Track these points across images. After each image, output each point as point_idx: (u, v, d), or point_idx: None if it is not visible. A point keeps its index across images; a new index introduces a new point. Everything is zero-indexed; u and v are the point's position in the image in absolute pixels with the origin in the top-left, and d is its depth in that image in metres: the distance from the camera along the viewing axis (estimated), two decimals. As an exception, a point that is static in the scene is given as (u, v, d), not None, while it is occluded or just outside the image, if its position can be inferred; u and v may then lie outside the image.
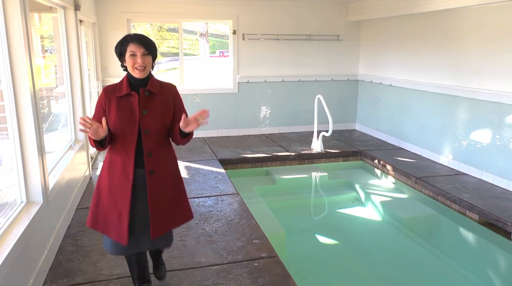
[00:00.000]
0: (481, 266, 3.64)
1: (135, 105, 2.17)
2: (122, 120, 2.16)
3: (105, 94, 2.20)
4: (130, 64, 2.15)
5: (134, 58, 2.14)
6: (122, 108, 2.16)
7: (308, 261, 3.63)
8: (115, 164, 2.22)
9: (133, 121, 2.15)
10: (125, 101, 2.17)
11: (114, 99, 2.18)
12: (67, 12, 4.20)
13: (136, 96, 2.17)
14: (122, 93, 2.17)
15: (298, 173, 5.50)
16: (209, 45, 20.87)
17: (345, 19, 6.98)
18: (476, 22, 4.70)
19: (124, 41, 2.16)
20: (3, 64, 2.51)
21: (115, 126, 2.16)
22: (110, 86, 2.25)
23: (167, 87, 2.31)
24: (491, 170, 4.53)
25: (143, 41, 2.15)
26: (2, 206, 2.71)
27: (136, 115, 2.16)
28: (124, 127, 2.16)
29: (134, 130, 2.15)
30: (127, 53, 2.14)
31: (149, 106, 2.19)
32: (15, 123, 2.61)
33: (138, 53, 2.13)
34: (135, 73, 2.16)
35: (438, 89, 5.28)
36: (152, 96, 2.21)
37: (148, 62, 2.17)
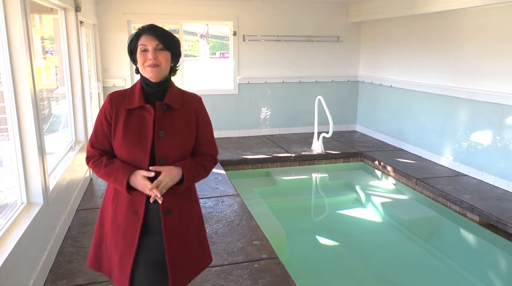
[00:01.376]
0: (482, 267, 3.64)
1: (149, 124, 1.65)
2: (130, 142, 1.65)
3: (111, 103, 1.70)
4: (141, 62, 1.67)
5: (145, 54, 1.66)
6: (132, 125, 1.66)
7: (309, 262, 3.63)
8: (121, 195, 1.70)
9: (145, 145, 1.64)
10: (136, 117, 1.67)
11: (123, 111, 1.67)
12: (68, 13, 4.21)
13: (151, 111, 1.66)
14: (134, 105, 1.67)
15: (298, 174, 5.50)
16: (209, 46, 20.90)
17: (346, 21, 6.98)
18: (476, 23, 4.70)
19: (135, 34, 1.72)
20: (4, 65, 2.52)
21: (120, 148, 1.66)
22: (117, 93, 1.73)
23: (189, 99, 1.79)
24: (491, 171, 4.53)
25: (157, 32, 1.67)
26: (3, 207, 2.71)
27: (150, 137, 1.65)
28: (133, 152, 1.65)
29: (145, 157, 1.64)
30: (138, 49, 1.67)
31: (168, 126, 1.67)
32: (15, 125, 2.61)
33: (149, 47, 1.65)
34: (146, 72, 1.67)
35: (438, 90, 5.28)
36: (171, 112, 1.70)
37: (163, 59, 1.67)
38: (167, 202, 1.66)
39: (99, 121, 1.73)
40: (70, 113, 4.39)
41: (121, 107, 1.69)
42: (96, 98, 5.85)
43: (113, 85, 6.27)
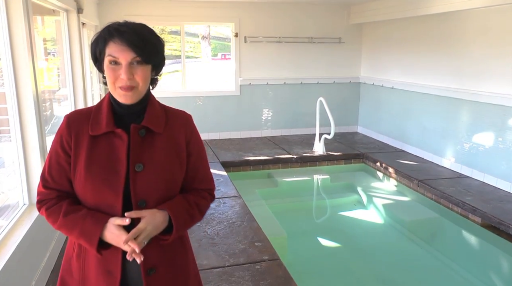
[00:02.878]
0: (484, 269, 3.63)
1: (121, 155, 1.24)
2: (96, 181, 1.23)
3: (68, 127, 1.26)
4: (110, 80, 1.23)
5: (116, 70, 1.20)
6: (98, 157, 1.24)
7: (310, 263, 3.62)
8: (87, 252, 1.28)
9: (116, 183, 1.22)
10: (103, 146, 1.25)
11: (85, 138, 1.25)
12: (70, 15, 4.22)
13: (124, 138, 1.25)
14: (100, 130, 1.24)
15: (300, 175, 5.50)
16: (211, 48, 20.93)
17: (347, 22, 6.98)
18: (478, 25, 4.69)
19: (100, 37, 1.23)
20: (6, 66, 2.53)
21: (83, 189, 1.24)
22: (77, 114, 1.31)
23: (176, 119, 1.35)
24: (493, 172, 4.51)
25: (133, 40, 1.19)
26: (5, 208, 2.71)
27: (123, 173, 1.23)
28: (100, 194, 1.23)
29: (117, 200, 1.22)
30: (106, 59, 1.22)
31: (147, 158, 1.26)
32: (17, 126, 2.62)
33: (122, 61, 1.20)
34: (117, 94, 1.24)
35: (440, 91, 5.27)
36: (152, 139, 1.28)
37: (141, 77, 1.22)
38: (150, 258, 1.25)
39: (54, 152, 1.28)
40: (72, 114, 4.38)
41: (83, 133, 1.25)
42: (98, 99, 5.86)
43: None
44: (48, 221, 1.30)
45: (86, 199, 1.26)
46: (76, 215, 1.24)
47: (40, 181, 1.32)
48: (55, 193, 1.30)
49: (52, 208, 1.28)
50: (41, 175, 1.33)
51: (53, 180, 1.29)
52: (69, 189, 1.29)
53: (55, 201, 1.29)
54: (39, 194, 1.32)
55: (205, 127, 6.60)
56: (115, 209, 1.23)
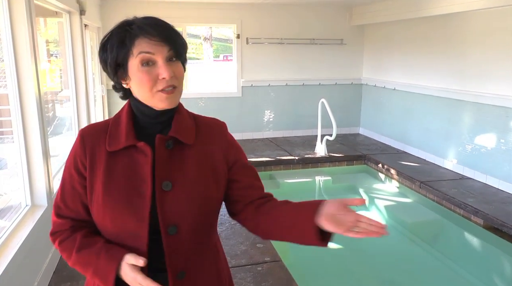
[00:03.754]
0: (486, 271, 3.62)
1: (146, 172, 1.04)
2: (117, 205, 1.03)
3: (83, 144, 1.08)
4: (146, 86, 1.01)
5: (152, 71, 1.00)
6: (117, 177, 1.04)
7: (312, 265, 3.62)
8: None
9: (140, 207, 1.03)
10: (123, 162, 1.05)
11: (102, 156, 1.06)
12: (72, 16, 4.23)
13: (148, 152, 1.04)
14: (120, 145, 1.05)
15: (302, 177, 5.49)
16: (213, 49, 20.96)
17: (349, 23, 6.99)
18: (481, 27, 4.69)
19: (124, 33, 1.03)
20: (9, 68, 2.54)
21: (102, 215, 1.05)
22: (91, 128, 1.11)
23: (209, 129, 1.16)
24: (496, 174, 4.50)
25: (164, 30, 1.04)
26: (7, 209, 2.72)
27: (148, 193, 1.03)
28: (121, 221, 1.03)
29: (141, 227, 1.02)
30: (134, 59, 1.00)
31: (176, 174, 1.06)
32: (20, 127, 2.63)
33: (158, 58, 1.00)
34: (157, 101, 1.03)
35: (442, 93, 5.27)
36: (182, 152, 1.08)
37: (181, 74, 1.05)
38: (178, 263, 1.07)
39: (67, 174, 1.09)
40: (74, 116, 4.41)
41: (99, 149, 1.06)
42: (100, 101, 5.87)
43: (117, 88, 6.28)
44: (62, 256, 1.11)
45: (106, 227, 1.06)
46: (90, 250, 1.05)
47: (53, 209, 1.13)
48: (69, 222, 1.10)
49: (65, 241, 1.09)
50: (54, 202, 1.13)
51: (67, 206, 1.09)
52: (86, 216, 1.09)
53: (68, 232, 1.09)
54: (53, 224, 1.13)
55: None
56: (139, 238, 1.02)
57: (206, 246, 1.14)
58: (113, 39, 1.03)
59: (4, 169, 3.35)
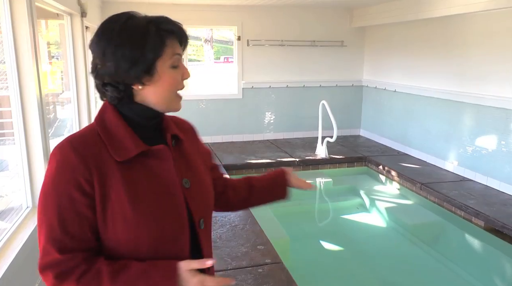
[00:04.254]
0: (487, 273, 3.61)
1: (171, 174, 1.02)
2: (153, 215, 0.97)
3: (82, 161, 0.94)
4: (172, 87, 1.02)
5: (179, 71, 1.02)
6: (141, 185, 0.98)
7: (313, 267, 3.62)
8: None
9: (177, 210, 1.01)
10: (139, 170, 0.99)
11: (113, 168, 0.96)
12: (74, 19, 4.24)
13: (168, 154, 1.03)
14: (131, 153, 0.97)
15: (302, 178, 5.48)
16: (213, 51, 20.99)
17: (349, 25, 6.99)
18: (481, 28, 4.69)
19: (156, 33, 0.98)
20: (11, 70, 2.54)
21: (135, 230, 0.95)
22: (82, 141, 0.98)
23: (184, 124, 1.21)
24: (496, 176, 4.50)
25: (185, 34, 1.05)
26: (8, 211, 2.73)
27: (180, 194, 1.02)
28: (161, 230, 0.98)
29: (183, 230, 1.02)
30: (166, 60, 0.99)
31: (188, 171, 1.08)
32: (21, 129, 2.63)
33: (181, 59, 1.05)
34: (175, 104, 1.05)
35: (443, 95, 5.27)
36: (180, 147, 1.10)
37: None
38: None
39: (65, 199, 0.93)
40: (75, 117, 4.41)
41: (105, 161, 0.96)
42: (100, 103, 5.87)
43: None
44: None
45: (138, 243, 0.95)
46: (129, 274, 0.92)
47: (47, 247, 0.93)
48: (80, 255, 0.93)
49: (84, 277, 0.92)
50: (46, 238, 0.94)
51: (72, 238, 0.93)
52: (95, 244, 0.96)
53: (84, 266, 0.92)
54: (53, 266, 0.93)
55: (208, 131, 6.62)
56: (180, 242, 1.00)
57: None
58: (147, 36, 0.97)
59: (5, 170, 3.36)
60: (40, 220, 0.96)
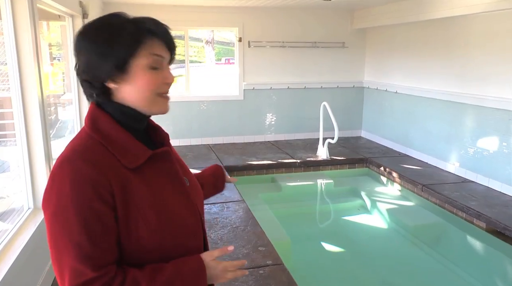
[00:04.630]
0: (489, 275, 3.60)
1: (178, 174, 1.08)
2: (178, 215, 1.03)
3: (101, 171, 0.93)
4: (149, 88, 0.99)
5: (159, 73, 1.00)
6: (160, 188, 1.02)
7: (314, 268, 3.61)
8: None
9: (192, 206, 1.08)
10: (151, 174, 1.01)
11: (128, 176, 0.97)
12: (75, 20, 4.25)
13: (171, 154, 1.08)
14: (141, 159, 1.00)
15: (303, 180, 5.49)
16: (214, 52, 20.99)
17: (351, 27, 7.00)
18: (482, 30, 4.69)
19: (136, 30, 0.97)
20: (13, 71, 2.55)
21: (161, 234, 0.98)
22: (92, 152, 0.96)
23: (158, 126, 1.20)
24: (498, 177, 4.49)
25: (171, 37, 1.05)
26: (10, 212, 2.73)
27: (188, 192, 1.09)
28: (182, 229, 1.04)
29: (198, 224, 1.09)
30: (142, 59, 0.97)
31: (183, 170, 1.15)
32: (23, 130, 2.64)
33: (165, 62, 1.03)
34: (157, 105, 1.02)
35: (444, 96, 5.26)
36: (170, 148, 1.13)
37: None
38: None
39: (89, 213, 0.91)
40: (76, 119, 4.42)
41: (118, 170, 0.96)
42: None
43: (119, 91, 6.30)
44: None
45: (163, 244, 0.99)
46: (165, 276, 0.96)
47: (79, 267, 0.89)
48: (113, 267, 0.93)
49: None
50: (77, 259, 0.89)
51: (103, 252, 0.91)
52: (118, 254, 0.96)
53: (120, 278, 0.92)
54: (91, 285, 0.89)
55: (209, 132, 6.62)
56: (197, 235, 1.08)
57: None
58: (122, 33, 0.95)
59: (6, 171, 3.36)
60: (61, 242, 0.91)
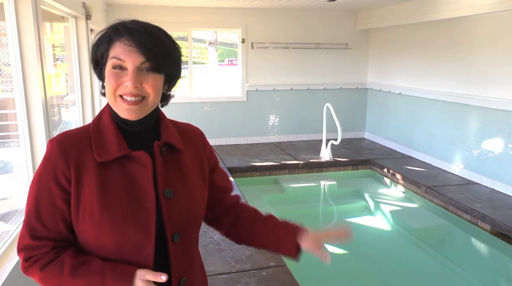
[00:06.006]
0: (493, 277, 3.58)
1: (148, 182, 1.01)
2: (119, 218, 0.98)
3: (63, 155, 0.98)
4: (111, 88, 0.99)
5: (119, 76, 0.97)
6: (113, 189, 0.99)
7: (316, 270, 3.59)
8: None
9: (145, 218, 1.00)
10: (116, 173, 1.00)
11: (91, 167, 0.99)
12: (79, 21, 4.26)
13: (147, 161, 1.01)
14: (111, 156, 0.99)
15: (306, 181, 5.47)
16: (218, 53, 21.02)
17: (354, 28, 6.98)
18: (486, 31, 4.67)
19: (105, 36, 1.02)
20: (16, 72, 2.55)
21: (99, 231, 0.97)
22: (69, 137, 1.02)
23: (191, 134, 1.17)
24: (503, 179, 4.46)
25: (143, 40, 0.98)
26: (12, 213, 2.73)
27: (152, 205, 1.00)
28: (124, 234, 0.98)
29: (147, 239, 0.99)
30: (108, 62, 0.99)
31: (175, 180, 1.06)
32: (26, 131, 2.64)
33: (129, 65, 0.97)
34: (118, 109, 1.00)
35: (448, 97, 5.24)
36: (174, 157, 1.08)
37: (152, 86, 0.99)
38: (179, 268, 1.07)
39: (43, 190, 0.98)
40: (79, 120, 4.42)
41: (85, 160, 0.99)
42: (105, 105, 5.89)
43: (123, 92, 6.32)
44: (41, 282, 0.98)
45: (102, 243, 0.98)
46: (88, 271, 0.96)
47: (24, 231, 0.99)
48: (50, 243, 0.98)
49: (48, 266, 0.97)
50: (24, 223, 0.99)
51: (44, 226, 0.98)
52: (68, 235, 1.00)
53: (51, 255, 0.98)
54: (26, 249, 0.98)
55: (212, 133, 6.62)
56: (144, 251, 0.99)
57: (197, 250, 1.20)
58: (99, 37, 1.02)
59: (9, 172, 3.37)
60: (26, 207, 1.01)
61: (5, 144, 3.71)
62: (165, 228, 1.02)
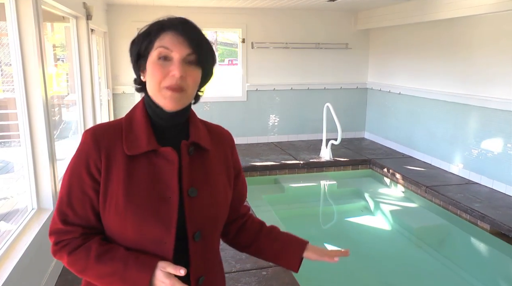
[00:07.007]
0: (493, 277, 3.58)
1: (172, 179, 1.03)
2: (141, 212, 1.00)
3: (96, 145, 1.02)
4: (155, 79, 1.00)
5: (166, 66, 0.99)
6: (139, 182, 1.01)
7: (316, 270, 3.59)
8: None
9: (167, 214, 1.01)
10: (144, 167, 1.03)
11: (120, 159, 1.02)
12: (79, 21, 4.27)
13: (174, 158, 1.03)
14: (141, 149, 1.02)
15: (306, 181, 5.48)
16: (218, 53, 21.03)
17: (354, 28, 6.99)
18: (487, 31, 4.67)
19: (154, 27, 1.04)
20: (17, 72, 2.56)
21: (122, 223, 1.00)
22: (103, 129, 1.06)
23: (219, 135, 1.20)
24: (503, 179, 4.47)
25: (193, 34, 1.03)
26: (14, 212, 2.74)
27: (175, 201, 1.02)
28: (146, 228, 1.00)
29: (168, 235, 1.01)
30: (154, 52, 1.01)
31: (200, 179, 1.07)
32: (27, 131, 2.65)
33: (175, 55, 0.99)
34: (160, 97, 1.01)
35: (448, 97, 5.25)
36: (201, 157, 1.10)
37: (192, 80, 1.02)
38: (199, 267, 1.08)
39: (76, 177, 1.02)
40: (80, 119, 4.43)
41: (115, 152, 1.02)
42: (106, 105, 5.91)
43: (123, 92, 6.33)
44: (71, 268, 1.03)
45: (125, 235, 1.01)
46: (112, 258, 0.99)
47: (56, 216, 1.04)
48: (79, 230, 1.03)
49: (76, 250, 1.02)
50: (57, 208, 1.04)
51: (75, 213, 1.02)
52: (96, 223, 1.04)
53: (79, 240, 1.03)
54: (56, 233, 1.04)
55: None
56: (165, 246, 1.01)
57: (217, 251, 1.20)
58: (146, 30, 1.05)
59: (11, 172, 3.38)
60: (59, 192, 1.07)
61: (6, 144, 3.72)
62: (187, 226, 1.03)
